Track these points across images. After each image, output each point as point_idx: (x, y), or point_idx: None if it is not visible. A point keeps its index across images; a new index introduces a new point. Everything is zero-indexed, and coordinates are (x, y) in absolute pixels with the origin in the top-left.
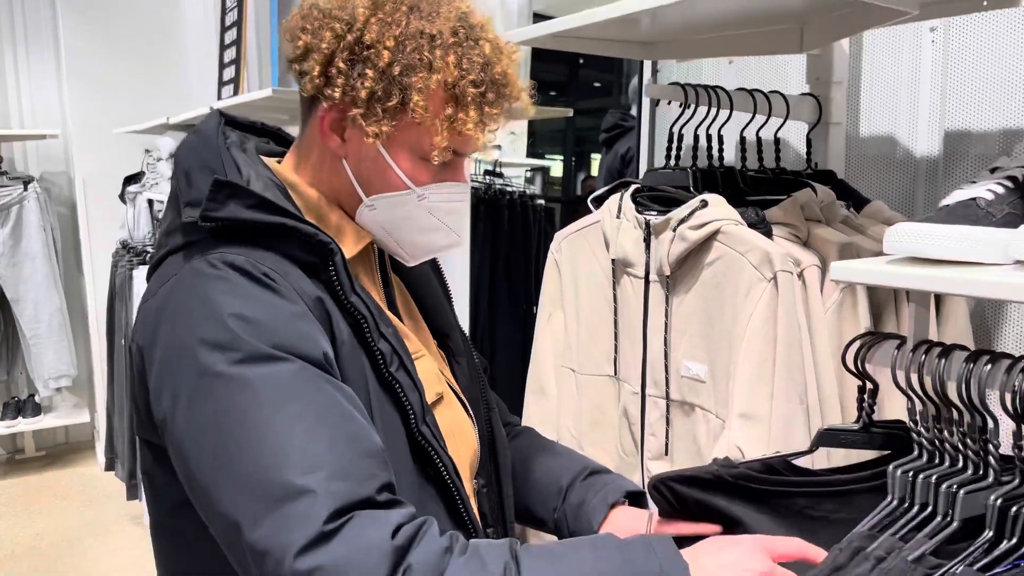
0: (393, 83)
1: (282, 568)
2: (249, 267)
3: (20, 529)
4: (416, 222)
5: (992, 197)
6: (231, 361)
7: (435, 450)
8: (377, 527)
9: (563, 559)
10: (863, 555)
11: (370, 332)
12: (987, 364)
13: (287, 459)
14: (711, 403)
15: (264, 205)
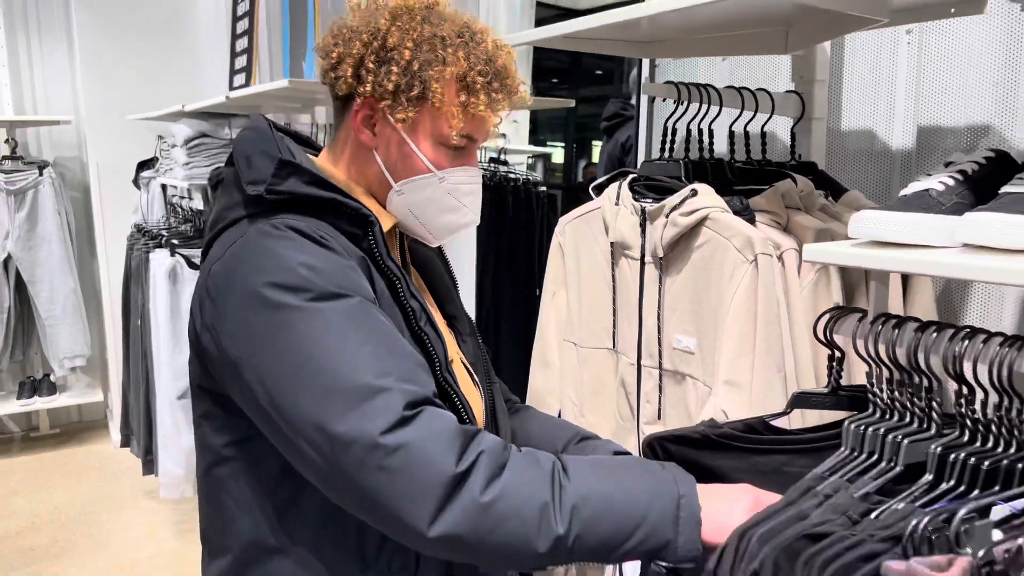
0: (414, 77)
1: (371, 450)
2: (308, 230)
3: (39, 503)
4: (439, 203)
5: (943, 188)
6: (304, 299)
7: (456, 392)
8: (445, 418)
9: (600, 467)
10: (812, 492)
11: (403, 291)
12: (933, 333)
13: (363, 368)
14: (699, 372)
15: (318, 182)
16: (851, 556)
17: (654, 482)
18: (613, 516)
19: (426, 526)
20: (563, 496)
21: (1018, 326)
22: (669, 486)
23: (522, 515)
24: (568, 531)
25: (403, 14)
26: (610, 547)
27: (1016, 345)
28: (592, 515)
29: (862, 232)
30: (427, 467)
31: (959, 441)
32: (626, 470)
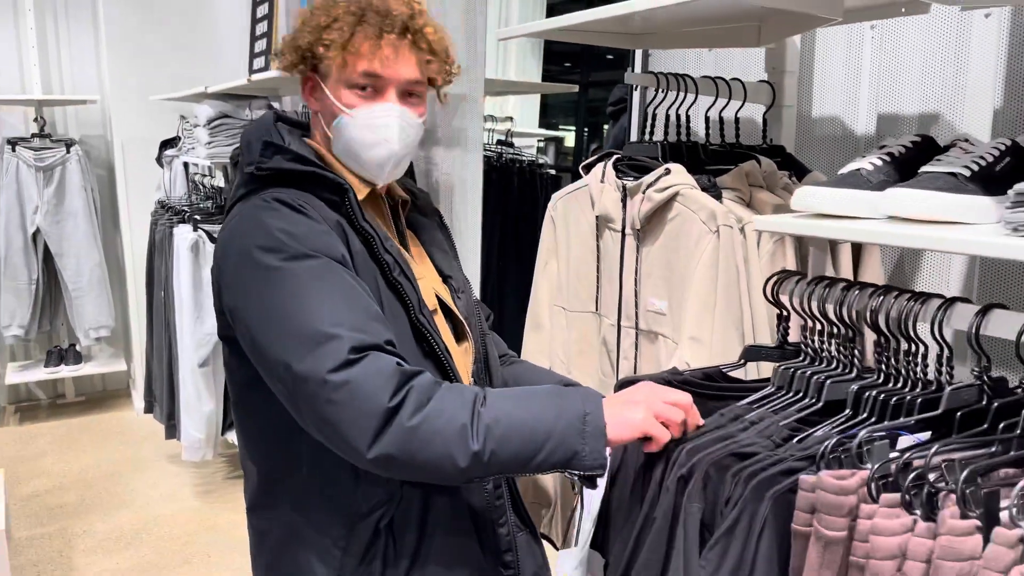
0: (301, 34)
1: (321, 386)
2: (289, 200)
3: (66, 464)
4: (360, 140)
5: (872, 168)
6: (280, 259)
7: (429, 332)
8: (386, 360)
9: (517, 395)
10: (740, 419)
11: (377, 247)
12: (856, 291)
13: (321, 318)
14: (670, 331)
15: (299, 159)
16: (773, 471)
17: (562, 402)
18: (523, 433)
19: (365, 448)
20: (479, 419)
21: (964, 290)
22: (576, 405)
23: (444, 435)
24: (483, 447)
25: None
26: (523, 459)
27: (920, 300)
28: (504, 433)
29: (802, 205)
30: (366, 401)
31: (875, 383)
32: (540, 396)
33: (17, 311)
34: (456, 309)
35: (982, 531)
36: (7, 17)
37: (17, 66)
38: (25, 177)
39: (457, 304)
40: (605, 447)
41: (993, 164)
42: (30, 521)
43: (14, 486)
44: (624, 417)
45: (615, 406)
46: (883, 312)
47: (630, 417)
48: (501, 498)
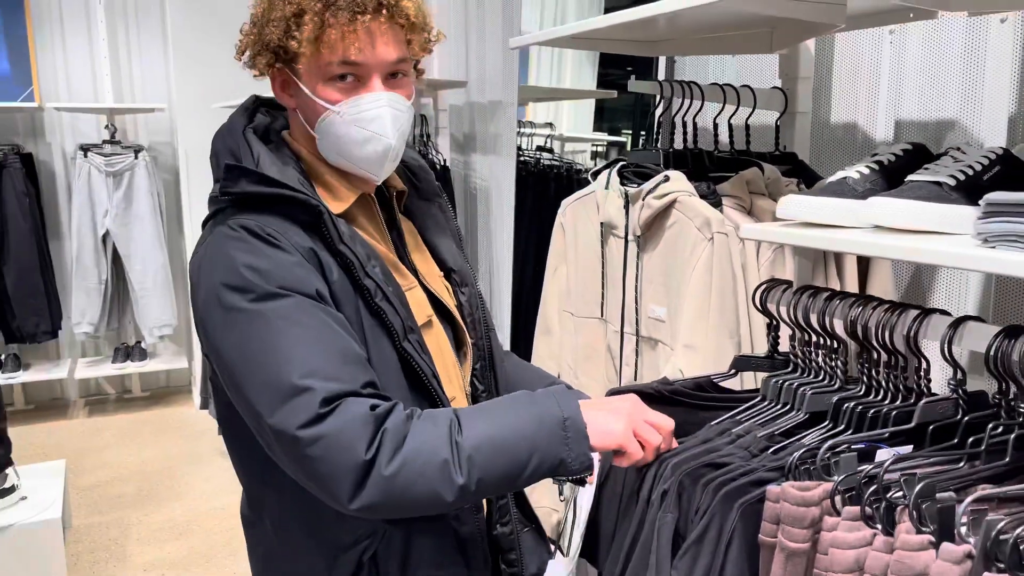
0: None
1: (294, 443)
2: (257, 229)
3: (128, 456)
4: (351, 137)
5: (858, 176)
6: (247, 299)
7: (415, 361)
8: (360, 406)
9: (490, 412)
10: (726, 432)
11: (357, 273)
12: (837, 301)
13: (290, 368)
14: (668, 338)
15: (264, 181)
16: (743, 481)
17: (539, 411)
18: (506, 453)
19: (347, 502)
20: (458, 450)
21: (980, 308)
22: (553, 411)
23: (426, 476)
24: (469, 479)
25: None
26: (512, 478)
27: (898, 311)
28: (487, 458)
29: (787, 213)
30: (342, 454)
31: (856, 394)
32: (516, 408)
33: (87, 309)
34: (456, 310)
35: (935, 546)
36: (81, 29)
37: (90, 76)
38: (96, 182)
39: (460, 300)
40: (589, 449)
41: (981, 173)
42: (89, 510)
43: (78, 476)
44: (605, 425)
45: (598, 411)
46: (861, 323)
47: (611, 427)
48: (504, 497)
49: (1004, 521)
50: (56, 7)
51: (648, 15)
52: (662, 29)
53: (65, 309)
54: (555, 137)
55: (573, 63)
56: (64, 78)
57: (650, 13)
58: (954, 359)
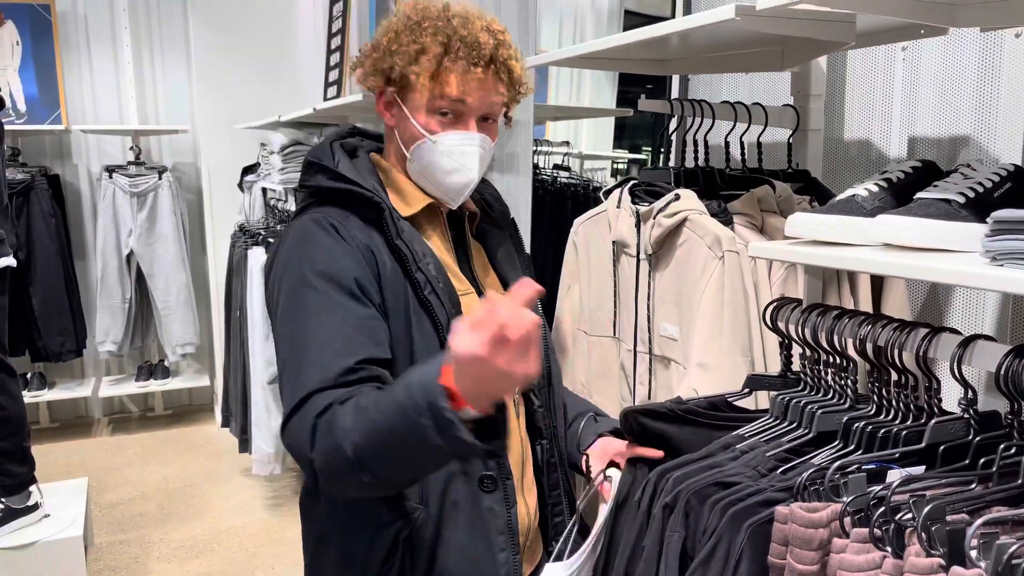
0: (391, 56)
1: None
2: (322, 219)
3: (150, 474)
4: (439, 165)
5: (867, 194)
6: (292, 284)
7: None
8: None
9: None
10: (730, 448)
11: (409, 266)
12: (847, 320)
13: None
14: (681, 357)
15: (337, 177)
16: (752, 501)
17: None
18: (383, 446)
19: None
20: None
21: (998, 327)
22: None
23: (339, 473)
24: (366, 476)
25: (399, 16)
26: (405, 469)
27: (907, 329)
28: (371, 455)
29: (796, 231)
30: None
31: (866, 413)
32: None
33: (111, 328)
34: None
35: (945, 570)
36: (107, 52)
37: (116, 98)
38: (121, 202)
39: None
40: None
41: (992, 190)
42: (111, 528)
43: (100, 494)
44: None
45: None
46: (871, 342)
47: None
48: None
49: (1016, 545)
50: (83, 32)
51: (659, 34)
52: (674, 48)
53: (89, 328)
54: (573, 155)
55: (592, 81)
56: (91, 101)
57: (661, 32)
58: (964, 378)
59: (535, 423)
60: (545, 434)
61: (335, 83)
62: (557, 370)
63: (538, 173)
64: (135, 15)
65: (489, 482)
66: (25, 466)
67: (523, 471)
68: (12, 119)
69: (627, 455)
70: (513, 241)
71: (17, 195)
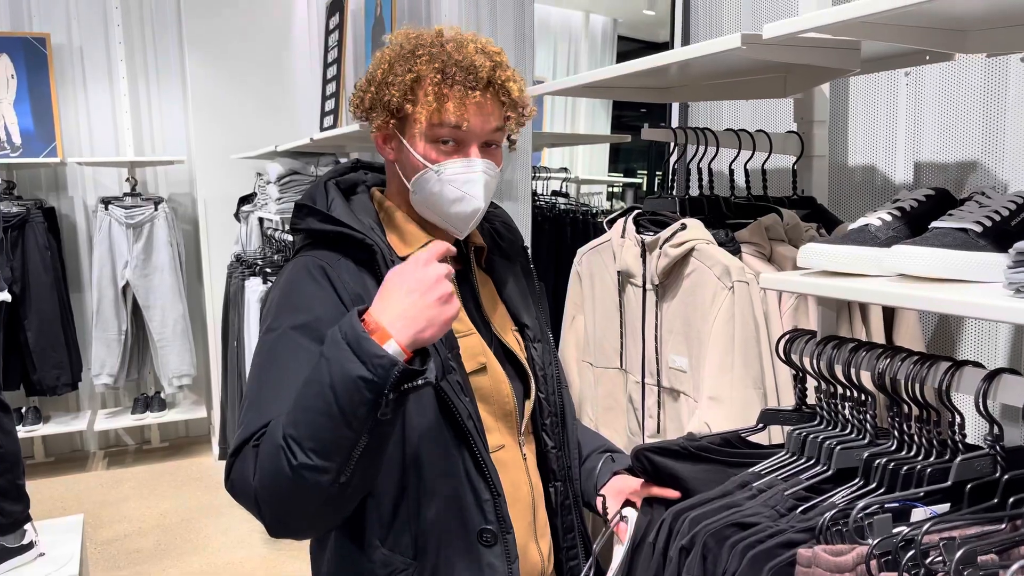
0: (386, 88)
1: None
2: (311, 264)
3: (147, 509)
4: (443, 195)
5: (880, 223)
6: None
7: (452, 401)
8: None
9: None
10: (747, 487)
11: None
12: (863, 353)
13: (250, 402)
14: (691, 389)
15: (328, 220)
16: (772, 543)
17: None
18: (310, 409)
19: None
20: (277, 428)
21: (1011, 357)
22: (332, 339)
23: (272, 471)
24: (285, 438)
25: (393, 46)
26: (336, 426)
27: (928, 363)
28: (298, 420)
29: (808, 262)
30: (240, 497)
31: (887, 449)
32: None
33: (107, 360)
34: (527, 363)
35: None
36: (103, 85)
37: (112, 130)
38: (116, 234)
39: (531, 354)
40: (377, 348)
41: (1008, 219)
42: (107, 565)
43: (96, 530)
44: (397, 316)
45: (382, 302)
46: (890, 375)
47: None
48: (572, 532)
49: None
50: (79, 64)
51: (664, 63)
52: (675, 76)
53: (85, 361)
54: (571, 180)
55: (587, 107)
56: (87, 133)
57: (666, 61)
58: (989, 414)
59: (548, 464)
60: (559, 475)
61: (331, 112)
62: (571, 408)
63: (536, 200)
64: (131, 47)
65: (488, 536)
66: (20, 504)
67: (535, 515)
68: (7, 152)
69: (643, 495)
70: (524, 271)
71: (12, 228)
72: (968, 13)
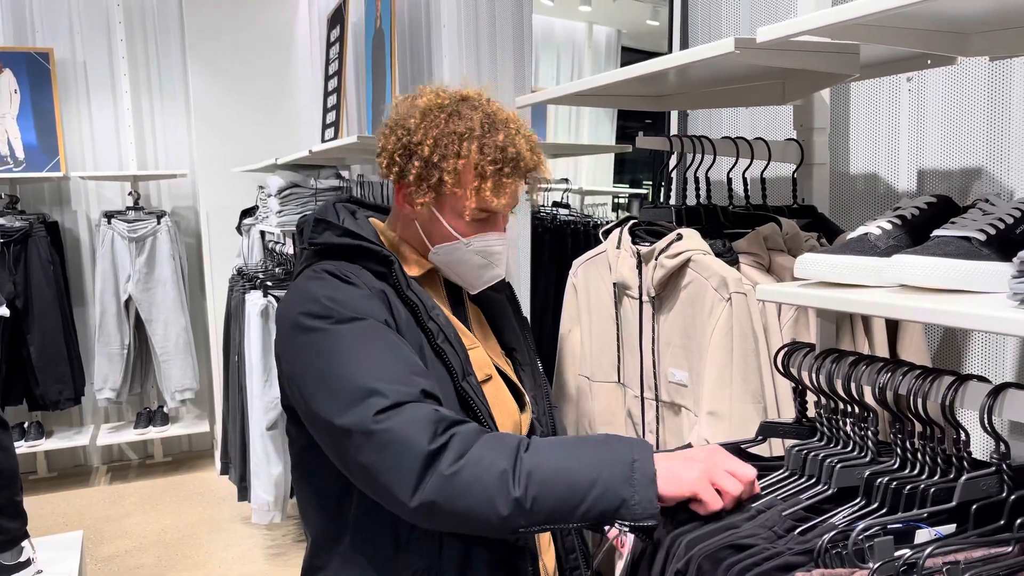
0: (433, 168)
1: (365, 436)
2: (336, 271)
3: (148, 524)
4: (469, 264)
5: (880, 232)
6: (327, 323)
7: (474, 400)
8: (425, 409)
9: (561, 443)
10: (745, 507)
11: (422, 315)
12: (863, 366)
13: (363, 373)
14: (691, 404)
15: (347, 234)
16: (768, 566)
17: (608, 449)
18: (567, 478)
19: (408, 497)
20: (520, 465)
21: (1019, 369)
22: (623, 452)
23: (484, 481)
24: (524, 493)
25: (432, 111)
26: (568, 507)
27: (931, 377)
28: (547, 477)
29: (805, 273)
30: (406, 446)
31: (889, 467)
32: (585, 444)
33: (110, 375)
34: (519, 381)
35: None
36: (106, 99)
37: (115, 144)
38: (119, 248)
39: (522, 377)
40: (656, 496)
41: (1013, 226)
42: None
43: (97, 546)
44: (677, 472)
45: (670, 460)
46: (891, 390)
47: (684, 474)
48: (574, 552)
49: None
50: (82, 79)
51: (657, 69)
52: (672, 83)
53: (88, 375)
54: (573, 191)
55: (591, 117)
56: (90, 147)
57: (659, 67)
58: (995, 431)
59: None
60: None
61: (332, 124)
62: (562, 430)
63: (537, 211)
64: (134, 61)
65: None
66: (17, 521)
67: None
68: (10, 167)
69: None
70: (511, 303)
71: (15, 243)
72: (967, 14)
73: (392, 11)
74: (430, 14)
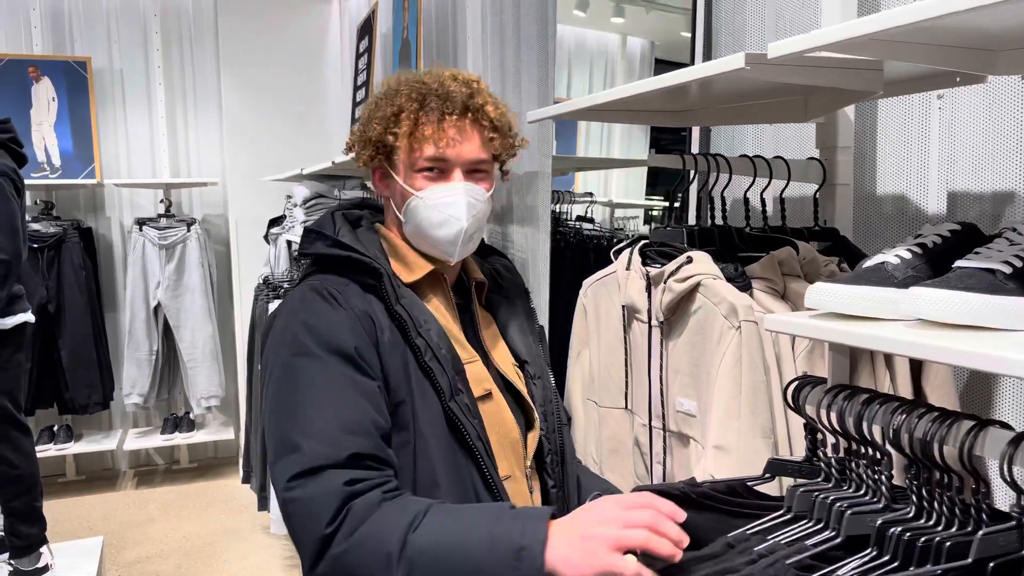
0: (370, 123)
1: (279, 494)
2: (320, 288)
3: (170, 531)
4: (430, 220)
5: (898, 261)
6: (289, 354)
7: (461, 421)
8: (335, 481)
9: (457, 516)
10: (747, 551)
11: (409, 332)
12: (877, 405)
13: (295, 427)
14: (700, 435)
15: (336, 244)
16: None
17: (498, 532)
18: (448, 566)
19: (308, 570)
20: (405, 550)
21: None
22: (513, 536)
23: (367, 566)
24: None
25: (382, 87)
26: None
27: (949, 420)
28: (427, 566)
29: (816, 303)
30: (307, 525)
31: (903, 516)
32: (478, 521)
33: (138, 380)
34: (527, 394)
35: None
36: (141, 107)
37: (149, 152)
38: (150, 254)
39: (531, 390)
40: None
41: None
42: None
43: (119, 551)
44: (571, 559)
45: (570, 535)
46: (907, 432)
47: (579, 560)
48: None
49: None
50: (119, 87)
51: (668, 85)
52: (692, 99)
53: (117, 380)
54: (601, 203)
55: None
56: (124, 154)
57: (670, 83)
58: (1014, 482)
59: (548, 503)
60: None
61: None
62: (571, 447)
63: (562, 224)
64: (169, 71)
65: None
66: (36, 527)
67: None
68: (47, 174)
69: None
70: (525, 312)
71: (49, 248)
72: (993, 31)
73: (419, 22)
74: (456, 25)
